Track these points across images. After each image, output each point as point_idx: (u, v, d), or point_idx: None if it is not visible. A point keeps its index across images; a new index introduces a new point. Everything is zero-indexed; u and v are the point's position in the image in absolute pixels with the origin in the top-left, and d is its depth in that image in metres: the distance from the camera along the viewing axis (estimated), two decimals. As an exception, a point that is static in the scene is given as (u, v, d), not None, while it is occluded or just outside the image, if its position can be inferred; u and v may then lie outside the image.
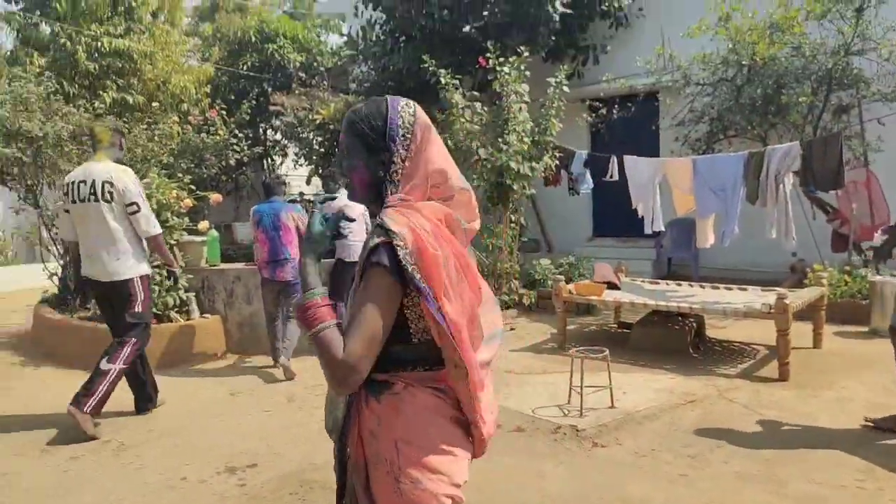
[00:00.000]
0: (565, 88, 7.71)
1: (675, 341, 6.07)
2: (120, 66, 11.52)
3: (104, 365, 4.28)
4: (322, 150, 11.26)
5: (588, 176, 8.77)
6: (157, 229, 4.44)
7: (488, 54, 7.42)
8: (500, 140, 7.29)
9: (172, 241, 6.30)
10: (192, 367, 5.84)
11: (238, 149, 10.50)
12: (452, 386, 1.51)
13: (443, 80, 7.47)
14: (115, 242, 4.31)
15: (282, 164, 14.44)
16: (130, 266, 4.35)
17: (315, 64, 13.73)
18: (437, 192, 1.56)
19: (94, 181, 4.27)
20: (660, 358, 5.85)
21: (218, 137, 10.29)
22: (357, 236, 5.20)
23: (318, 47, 14.62)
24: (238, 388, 5.28)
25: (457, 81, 7.59)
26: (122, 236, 4.32)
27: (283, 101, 11.71)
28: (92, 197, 4.25)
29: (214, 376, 5.62)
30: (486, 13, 8.23)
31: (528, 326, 7.46)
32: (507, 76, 7.33)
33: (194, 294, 6.31)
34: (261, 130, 14.19)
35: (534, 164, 7.49)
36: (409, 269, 1.39)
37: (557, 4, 8.40)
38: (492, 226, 7.95)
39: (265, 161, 14.30)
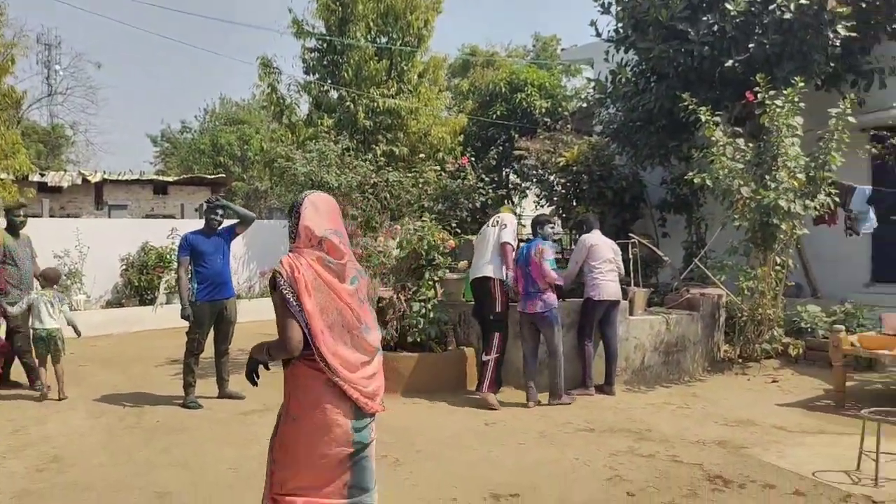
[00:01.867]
0: (850, 119, 6.92)
1: None
2: (390, 122, 13.10)
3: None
4: (563, 191, 11.47)
5: (872, 214, 7.72)
6: None
7: (756, 88, 6.98)
8: (766, 177, 6.77)
9: (436, 279, 6.89)
10: (448, 396, 6.26)
11: (484, 192, 11.20)
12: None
13: (702, 118, 7.19)
14: None
15: (521, 205, 15.00)
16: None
17: (560, 109, 14.13)
18: (310, 242, 2.56)
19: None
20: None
21: (468, 182, 11.09)
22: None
23: (563, 93, 15.06)
24: (491, 419, 5.54)
25: (717, 118, 7.26)
26: None
27: (527, 145, 12.22)
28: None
29: (469, 406, 5.95)
30: (751, 45, 7.77)
31: (795, 380, 6.71)
32: (777, 109, 6.81)
33: (452, 327, 6.81)
34: (504, 174, 14.95)
35: (807, 201, 6.80)
36: (283, 289, 2.46)
37: (839, 28, 7.61)
38: (748, 267, 7.36)
39: (506, 201, 14.97)
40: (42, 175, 13.87)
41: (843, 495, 3.78)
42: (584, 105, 14.20)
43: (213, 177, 17.52)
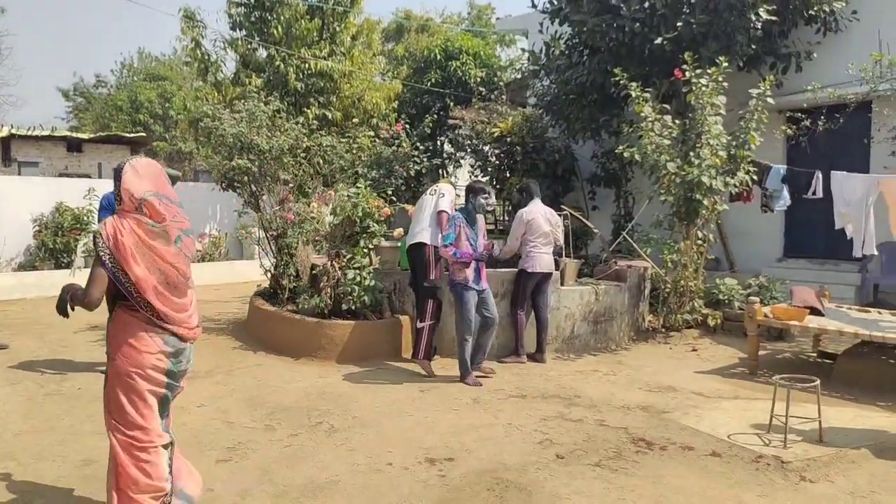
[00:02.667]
0: (769, 100, 7.27)
1: (890, 376, 5.48)
2: (322, 85, 12.75)
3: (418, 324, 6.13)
4: (497, 161, 11.56)
5: (785, 192, 8.18)
6: None
7: (684, 66, 7.20)
8: (691, 154, 7.04)
9: (371, 246, 6.85)
10: (383, 364, 6.28)
11: (418, 160, 11.16)
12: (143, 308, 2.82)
13: (633, 93, 7.37)
14: None
15: (456, 175, 15.02)
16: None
17: (495, 79, 14.14)
18: (132, 204, 2.80)
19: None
20: (871, 393, 5.34)
21: (402, 150, 11.00)
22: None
23: (498, 63, 15.06)
24: (426, 387, 5.61)
25: (647, 94, 7.46)
26: None
27: (462, 115, 12.20)
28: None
29: (405, 374, 6.00)
30: (679, 24, 7.99)
31: (713, 349, 7.10)
32: (703, 88, 7.07)
33: (387, 295, 6.80)
34: (438, 143, 14.91)
35: (728, 178, 7.14)
36: (101, 252, 2.75)
37: (761, 11, 7.93)
38: (672, 241, 7.70)
39: (441, 172, 14.95)
40: (-61, 127, 12.78)
41: (755, 455, 4.07)
42: (519, 76, 14.28)
43: (132, 136, 16.62)
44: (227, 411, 4.86)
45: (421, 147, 11.19)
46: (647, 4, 8.33)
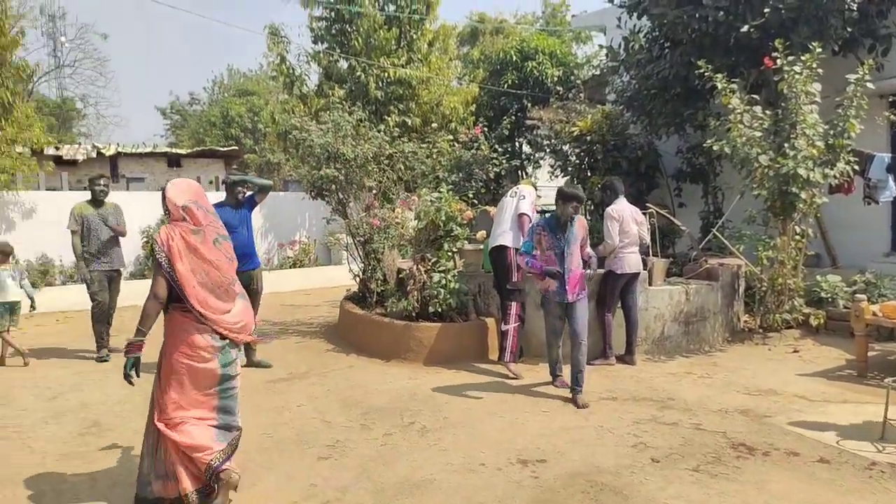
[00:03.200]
0: (869, 85, 6.84)
1: None
2: (401, 92, 13.02)
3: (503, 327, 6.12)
4: (578, 161, 11.43)
5: (891, 182, 7.68)
6: None
7: (775, 54, 6.89)
8: (785, 146, 6.73)
9: (455, 249, 6.95)
10: (471, 366, 6.35)
11: (497, 162, 11.19)
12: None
13: (718, 85, 7.13)
14: None
15: (535, 175, 14.96)
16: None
17: (572, 77, 13.99)
18: (177, 214, 3.32)
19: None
20: None
21: (481, 152, 11.07)
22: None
23: (574, 61, 14.89)
24: (515, 389, 5.63)
25: (734, 85, 7.18)
26: None
27: (540, 115, 12.15)
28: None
29: (492, 376, 6.04)
30: (767, 10, 7.64)
31: (816, 350, 6.76)
32: (796, 75, 6.74)
33: (472, 297, 6.88)
34: (517, 144, 14.89)
35: (826, 170, 6.77)
36: (158, 255, 3.20)
37: (857, -9, 7.48)
38: (766, 237, 7.36)
39: (521, 173, 14.93)
40: (57, 149, 13.92)
41: (868, 462, 3.86)
42: (597, 73, 14.04)
43: (225, 149, 17.52)
44: (324, 411, 5.07)
45: (500, 149, 11.23)
46: (730, -8, 8.03)
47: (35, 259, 10.98)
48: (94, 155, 14.63)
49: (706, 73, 7.32)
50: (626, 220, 6.29)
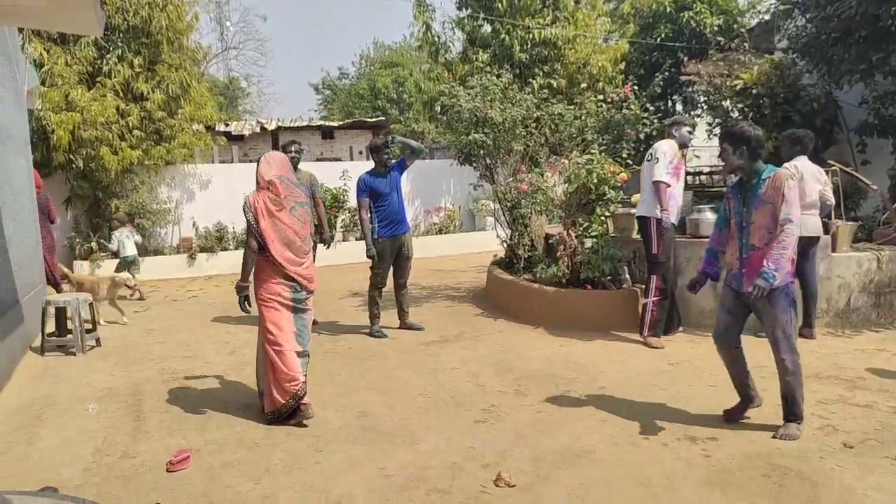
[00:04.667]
0: None
1: None
2: (546, 53, 12.63)
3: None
4: (741, 117, 10.48)
5: None
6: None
7: None
8: None
9: (607, 214, 6.65)
10: (625, 335, 6.08)
11: (648, 122, 10.53)
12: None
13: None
14: None
15: (693, 134, 13.97)
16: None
17: (734, 26, 12.80)
18: (263, 184, 4.13)
19: None
20: None
21: (632, 112, 10.47)
22: None
23: (737, 8, 13.61)
24: (675, 360, 5.31)
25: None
26: None
27: (697, 69, 11.23)
28: None
29: (649, 345, 5.75)
30: None
31: None
32: None
33: (626, 264, 6.56)
34: (670, 103, 13.96)
35: None
36: (246, 213, 4.10)
37: None
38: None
39: (672, 130, 14.02)
40: (227, 125, 15.12)
41: None
42: (765, 19, 12.73)
43: (373, 120, 18.13)
44: (477, 374, 5.09)
45: (651, 108, 10.62)
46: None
47: (212, 226, 12.08)
48: (258, 130, 15.74)
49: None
50: (807, 178, 5.65)
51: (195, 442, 3.94)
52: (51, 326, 6.33)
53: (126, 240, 9.35)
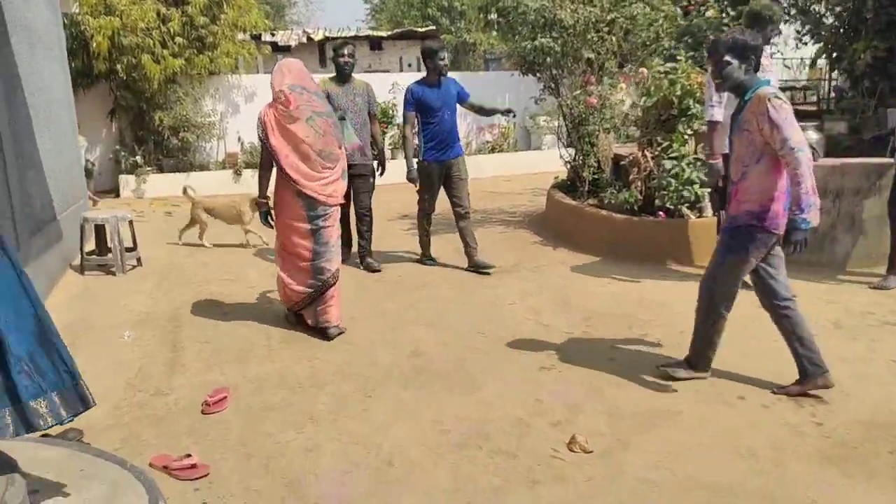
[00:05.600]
0: None
1: None
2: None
3: None
4: (836, 23, 9.28)
5: None
6: None
7: None
8: None
9: (691, 132, 5.88)
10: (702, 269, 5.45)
11: (727, 28, 9.44)
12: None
13: None
14: None
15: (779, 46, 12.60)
16: None
17: None
18: (274, 96, 3.96)
19: None
20: None
21: (713, 17, 9.38)
22: None
23: None
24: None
25: None
26: None
27: (789, -33, 9.90)
28: None
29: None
30: None
31: None
32: None
33: (712, 190, 5.84)
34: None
35: None
36: (258, 130, 4.04)
37: None
38: None
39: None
40: (273, 35, 14.41)
41: None
42: None
43: (423, 30, 17.06)
44: (539, 311, 4.61)
45: (732, 13, 9.50)
46: None
47: (257, 141, 11.67)
48: (304, 40, 14.99)
49: None
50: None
51: (234, 378, 3.62)
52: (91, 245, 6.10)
53: None
